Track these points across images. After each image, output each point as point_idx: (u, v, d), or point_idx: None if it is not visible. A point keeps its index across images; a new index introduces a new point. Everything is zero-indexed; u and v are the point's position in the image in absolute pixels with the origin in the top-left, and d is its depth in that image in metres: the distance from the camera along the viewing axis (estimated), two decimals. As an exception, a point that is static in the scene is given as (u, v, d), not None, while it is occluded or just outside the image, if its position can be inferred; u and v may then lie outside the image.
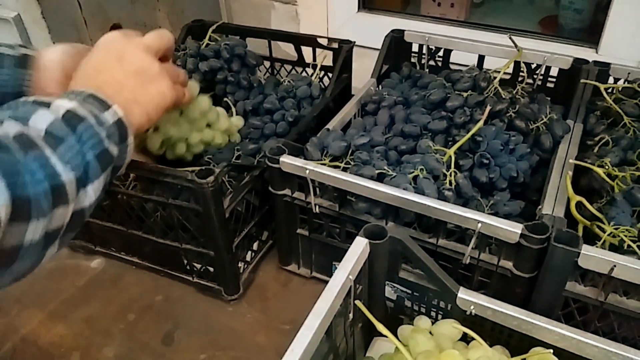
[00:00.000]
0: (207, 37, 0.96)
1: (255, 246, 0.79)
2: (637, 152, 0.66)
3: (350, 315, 0.53)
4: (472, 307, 0.51)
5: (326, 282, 0.47)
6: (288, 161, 0.64)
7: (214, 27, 0.97)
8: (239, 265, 0.75)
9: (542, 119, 0.74)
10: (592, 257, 0.50)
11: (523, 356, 0.47)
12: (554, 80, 0.86)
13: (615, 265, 0.49)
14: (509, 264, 0.57)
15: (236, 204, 0.68)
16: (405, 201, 0.59)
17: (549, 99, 0.80)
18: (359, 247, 0.51)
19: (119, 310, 0.73)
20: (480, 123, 0.64)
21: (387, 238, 0.52)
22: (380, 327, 0.47)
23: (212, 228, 0.66)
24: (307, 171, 0.63)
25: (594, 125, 0.76)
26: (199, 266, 0.74)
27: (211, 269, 0.73)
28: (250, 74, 0.95)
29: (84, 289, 0.77)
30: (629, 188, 0.59)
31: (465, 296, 0.51)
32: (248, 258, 0.77)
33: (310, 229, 0.72)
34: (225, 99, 0.92)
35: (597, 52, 1.07)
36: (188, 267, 0.75)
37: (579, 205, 0.61)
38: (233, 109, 0.90)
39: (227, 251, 0.69)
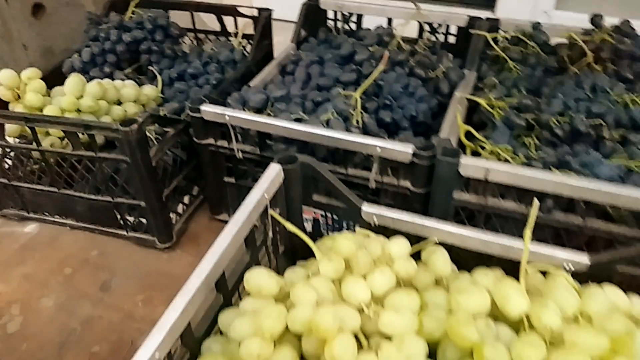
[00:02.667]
0: (130, 10, 1.00)
1: (186, 200, 0.84)
2: (518, 88, 0.76)
3: (270, 234, 0.59)
4: (375, 218, 0.58)
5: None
6: (209, 109, 0.69)
7: (136, 0, 1.00)
8: (171, 216, 0.79)
9: (441, 68, 0.83)
10: (470, 165, 0.58)
11: (417, 247, 0.54)
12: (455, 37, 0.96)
13: (489, 170, 0.58)
14: (407, 183, 0.65)
15: (163, 155, 0.73)
16: (317, 136, 0.65)
17: (450, 54, 0.90)
18: (273, 171, 0.57)
19: (56, 266, 0.76)
20: (380, 67, 0.72)
21: (298, 163, 0.59)
22: (296, 231, 0.54)
23: (141, 177, 0.70)
24: (227, 117, 0.68)
25: (485, 71, 0.85)
26: (132, 219, 0.78)
27: (144, 221, 0.77)
28: (174, 44, 1.00)
29: (20, 251, 0.79)
30: (507, 114, 0.69)
31: (368, 209, 0.58)
32: (180, 210, 0.82)
33: (236, 176, 0.77)
34: (150, 67, 0.96)
35: (493, 13, 1.19)
36: (122, 222, 0.79)
37: (468, 134, 0.70)
38: (159, 78, 0.94)
39: (157, 200, 0.74)
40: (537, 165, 0.62)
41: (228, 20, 1.03)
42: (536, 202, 0.46)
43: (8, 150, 0.78)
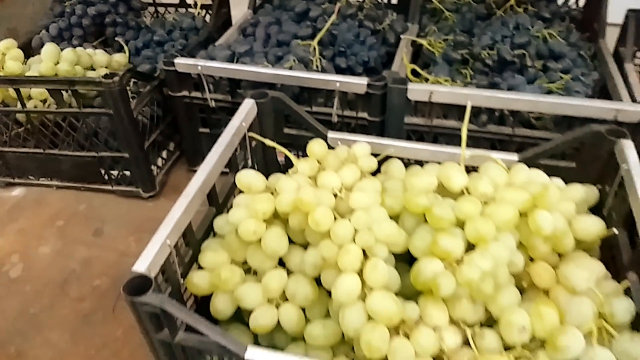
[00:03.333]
0: (92, -13, 1.05)
1: (164, 154, 0.90)
2: (454, 31, 0.87)
3: (249, 162, 0.67)
4: (339, 144, 0.67)
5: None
6: (182, 62, 0.77)
7: (96, -22, 1.05)
8: (152, 168, 0.86)
9: (386, 21, 0.93)
10: (416, 89, 0.69)
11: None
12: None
13: (432, 92, 0.68)
14: (364, 114, 0.75)
15: (142, 109, 0.80)
16: (283, 77, 0.74)
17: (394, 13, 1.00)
18: (248, 104, 0.65)
19: (47, 220, 0.82)
20: (333, 17, 0.81)
21: (269, 97, 0.67)
22: (274, 145, 0.62)
23: (124, 129, 0.77)
24: (200, 67, 0.76)
25: (426, 23, 0.96)
26: (115, 173, 0.84)
27: (128, 173, 0.84)
28: (136, 16, 1.06)
29: (9, 212, 0.84)
30: (445, 52, 0.80)
31: (333, 135, 0.67)
32: (160, 164, 0.89)
33: (211, 126, 0.85)
34: (116, 39, 1.01)
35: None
36: (106, 177, 0.85)
37: (413, 71, 0.80)
38: (125, 48, 1.00)
39: (140, 150, 0.80)
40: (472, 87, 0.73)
41: (187, -7, 1.10)
42: (469, 103, 0.56)
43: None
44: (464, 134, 0.56)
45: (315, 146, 0.55)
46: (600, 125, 0.59)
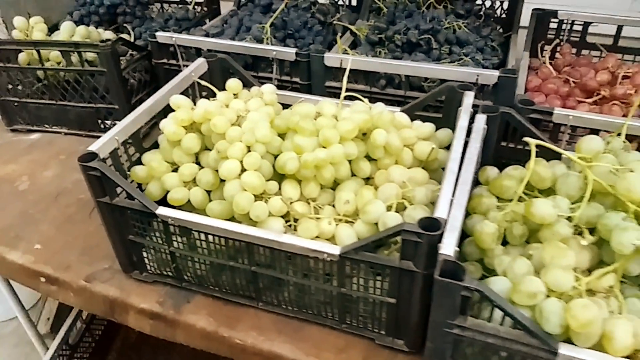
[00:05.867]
0: (110, -16, 1.30)
1: (150, 113, 1.13)
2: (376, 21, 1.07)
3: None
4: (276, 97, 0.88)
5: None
6: (161, 34, 0.99)
7: (114, -22, 1.31)
8: (138, 121, 1.08)
9: (337, 15, 1.14)
10: (330, 57, 0.89)
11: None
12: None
13: (342, 60, 0.88)
14: (297, 79, 0.95)
15: (131, 71, 1.03)
16: (235, 47, 0.95)
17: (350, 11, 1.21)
18: (199, 62, 0.87)
19: (53, 155, 1.05)
20: (282, 6, 1.03)
21: (217, 58, 0.88)
22: (213, 88, 0.83)
23: (115, 84, 1.00)
24: (174, 39, 0.99)
25: (373, 18, 1.16)
26: (109, 123, 1.07)
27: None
28: (144, 9, 1.30)
29: (26, 149, 1.08)
30: (367, 34, 1.00)
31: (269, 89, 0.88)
32: (145, 119, 1.11)
33: (185, 89, 1.07)
34: (124, 24, 1.26)
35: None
36: (102, 126, 1.08)
37: (345, 51, 1.01)
38: (132, 33, 1.24)
39: (127, 103, 1.03)
40: (379, 60, 0.92)
41: (187, -8, 1.34)
42: (350, 62, 0.76)
43: (21, 73, 1.07)
44: (344, 84, 0.76)
45: (232, 82, 0.76)
46: (454, 82, 0.77)
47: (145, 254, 0.74)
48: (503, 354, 0.52)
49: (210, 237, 0.65)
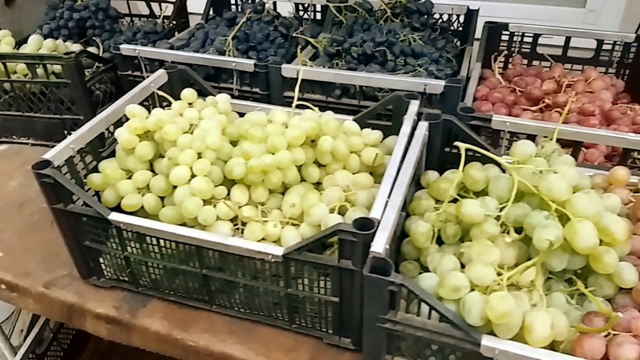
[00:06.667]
0: (80, -1, 1.33)
1: (117, 124, 1.15)
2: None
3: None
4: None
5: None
6: (125, 47, 1.02)
7: (85, -8, 1.34)
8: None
9: (300, 29, 1.18)
10: (287, 68, 0.92)
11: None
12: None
13: (298, 71, 0.91)
14: (256, 89, 0.98)
15: (96, 82, 1.05)
16: (196, 59, 0.98)
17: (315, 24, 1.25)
18: (159, 73, 0.90)
19: (20, 165, 1.06)
20: (244, 19, 1.06)
21: (177, 69, 0.91)
22: (168, 96, 0.85)
23: (80, 96, 1.02)
24: (137, 51, 1.01)
25: (335, 31, 1.20)
26: (75, 133, 1.09)
27: (84, 133, 1.08)
28: (113, 23, 1.33)
29: (-7, 160, 1.09)
30: (325, 47, 1.03)
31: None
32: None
33: (150, 100, 1.09)
34: (94, 38, 1.28)
35: None
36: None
37: (304, 63, 1.04)
38: (100, 46, 1.27)
39: (92, 114, 1.04)
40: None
41: (156, 6, 1.37)
42: (301, 72, 0.79)
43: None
44: (296, 94, 0.79)
45: (187, 92, 0.79)
46: (401, 91, 0.81)
47: (101, 260, 0.76)
48: (434, 347, 0.54)
49: (162, 242, 0.67)
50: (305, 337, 0.70)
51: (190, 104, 0.80)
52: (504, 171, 0.66)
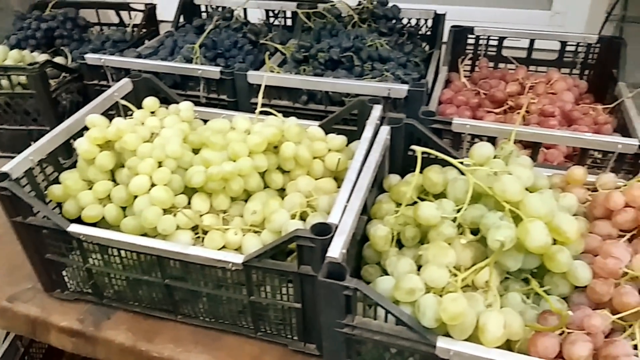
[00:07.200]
0: (49, 9, 1.32)
1: (85, 134, 1.14)
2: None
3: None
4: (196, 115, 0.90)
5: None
6: (90, 56, 1.01)
7: (53, 2, 1.33)
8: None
9: (269, 35, 1.18)
10: (253, 75, 0.92)
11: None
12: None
13: (263, 77, 0.91)
14: (224, 96, 0.97)
15: (62, 92, 1.04)
16: (163, 67, 0.98)
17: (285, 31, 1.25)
18: (123, 82, 0.89)
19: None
20: (211, 26, 1.06)
21: (142, 77, 0.90)
22: (130, 105, 0.85)
23: (45, 106, 1.01)
24: (102, 60, 1.00)
25: (301, 39, 1.20)
26: (42, 144, 1.07)
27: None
28: (81, 32, 1.32)
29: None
30: (292, 53, 1.03)
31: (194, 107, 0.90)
32: (80, 140, 1.12)
33: (117, 109, 1.08)
34: (62, 47, 1.27)
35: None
36: (35, 148, 1.08)
37: (272, 69, 1.04)
38: (69, 56, 1.26)
39: (58, 124, 1.03)
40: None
41: (125, 15, 1.37)
42: (265, 78, 0.79)
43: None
44: (260, 100, 0.79)
45: (149, 101, 0.78)
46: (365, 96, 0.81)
47: (64, 273, 0.75)
48: (393, 350, 0.54)
49: (123, 253, 0.67)
50: (271, 344, 0.70)
51: (152, 112, 0.79)
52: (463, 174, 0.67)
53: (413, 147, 0.61)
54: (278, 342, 0.69)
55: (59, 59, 1.19)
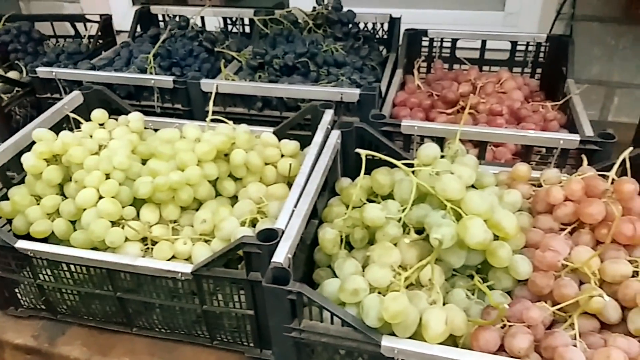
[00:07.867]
0: (2, 23, 1.30)
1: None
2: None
3: (77, 138, 0.89)
4: (151, 125, 0.90)
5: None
6: (41, 69, 1.00)
7: (6, 16, 1.31)
8: (27, 157, 1.07)
9: (226, 43, 1.18)
10: (207, 83, 0.92)
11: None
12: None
13: (218, 85, 0.91)
14: (178, 105, 0.97)
15: (14, 107, 1.02)
16: (115, 78, 0.97)
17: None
18: (73, 94, 0.88)
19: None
20: (165, 35, 1.05)
21: (93, 90, 0.89)
22: (79, 118, 0.84)
23: (-4, 120, 0.99)
24: (54, 73, 0.99)
25: (256, 45, 1.20)
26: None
27: None
28: (36, 45, 1.30)
29: None
30: (247, 60, 1.04)
31: (147, 118, 0.90)
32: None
33: (73, 122, 1.07)
34: (16, 62, 1.25)
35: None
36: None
37: (227, 77, 1.04)
38: (24, 70, 1.23)
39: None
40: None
41: (81, 27, 1.35)
42: (215, 86, 0.79)
43: None
44: (211, 108, 0.79)
45: (97, 113, 0.78)
46: (317, 101, 0.82)
47: (17, 290, 0.74)
48: (342, 352, 0.55)
49: (73, 267, 0.66)
50: (228, 352, 0.69)
51: (101, 124, 0.78)
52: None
53: (358, 150, 0.62)
54: (235, 349, 0.69)
55: (13, 73, 1.17)
